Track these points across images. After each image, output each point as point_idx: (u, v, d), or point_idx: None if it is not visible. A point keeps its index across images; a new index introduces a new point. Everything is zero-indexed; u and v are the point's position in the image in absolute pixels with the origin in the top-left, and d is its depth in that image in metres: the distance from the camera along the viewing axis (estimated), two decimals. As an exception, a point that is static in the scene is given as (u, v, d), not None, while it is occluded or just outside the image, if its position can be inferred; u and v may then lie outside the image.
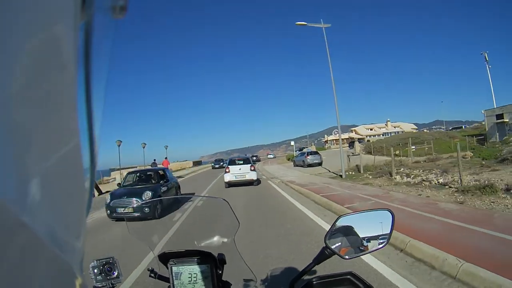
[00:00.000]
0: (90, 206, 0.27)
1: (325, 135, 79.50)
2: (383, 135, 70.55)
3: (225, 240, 0.91)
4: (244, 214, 6.14)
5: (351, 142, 50.80)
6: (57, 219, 0.21)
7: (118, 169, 20.53)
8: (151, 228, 1.21)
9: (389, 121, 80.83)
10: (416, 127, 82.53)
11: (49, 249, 0.19)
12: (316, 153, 22.22)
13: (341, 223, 0.81)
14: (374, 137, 66.51)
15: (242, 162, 12.20)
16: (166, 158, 21.10)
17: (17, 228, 0.17)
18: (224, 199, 0.92)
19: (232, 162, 12.25)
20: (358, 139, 56.34)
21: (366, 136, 64.64)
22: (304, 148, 48.58)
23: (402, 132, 63.07)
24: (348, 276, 0.76)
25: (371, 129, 77.07)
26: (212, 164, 34.07)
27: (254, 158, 56.63)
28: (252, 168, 11.88)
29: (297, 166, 22.59)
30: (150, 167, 19.00)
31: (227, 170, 11.86)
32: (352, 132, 76.59)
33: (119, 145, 18.81)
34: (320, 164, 20.28)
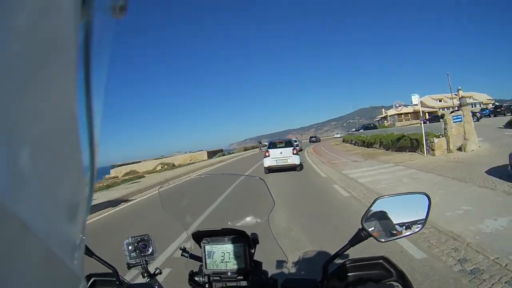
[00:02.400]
0: (90, 205, 0.27)
1: (384, 112, 66.90)
2: (458, 108, 58.16)
3: (259, 219, 0.92)
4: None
5: (435, 116, 33.62)
6: (57, 219, 0.21)
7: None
8: (186, 206, 1.07)
9: (460, 89, 65.65)
10: (491, 98, 66.83)
11: (49, 249, 0.19)
12: None
13: (377, 205, 0.78)
14: (448, 110, 55.00)
15: (283, 145, 11.00)
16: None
17: (17, 228, 0.16)
18: (260, 178, 0.95)
19: (273, 145, 11.07)
20: (432, 116, 44.55)
21: (440, 108, 53.32)
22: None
23: (480, 103, 50.72)
24: (381, 261, 0.75)
25: (440, 100, 64.08)
26: None
27: (314, 139, 47.60)
28: (295, 152, 10.62)
29: None
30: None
31: (267, 154, 10.74)
32: (415, 104, 63.57)
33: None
34: None
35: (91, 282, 0.87)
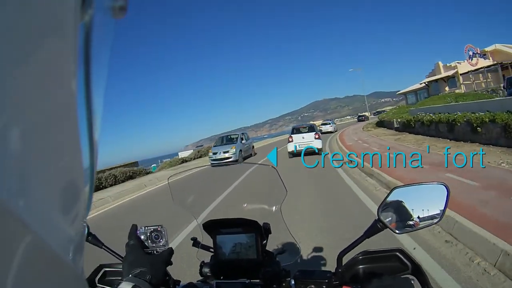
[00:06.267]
0: (90, 205, 0.28)
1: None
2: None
3: (271, 208, 0.91)
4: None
5: None
6: (57, 218, 0.21)
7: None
8: (196, 197, 1.06)
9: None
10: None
11: (50, 249, 0.19)
12: None
13: (394, 195, 0.75)
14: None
15: (306, 130, 11.65)
16: None
17: (17, 228, 0.16)
18: (272, 166, 0.92)
19: (296, 131, 11.70)
20: None
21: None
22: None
23: None
24: (396, 253, 0.73)
25: (521, 50, 46.89)
26: None
27: (362, 117, 44.61)
28: (317, 136, 11.08)
29: None
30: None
31: (290, 140, 11.34)
32: (487, 56, 45.67)
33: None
34: None
35: (101, 273, 0.90)
